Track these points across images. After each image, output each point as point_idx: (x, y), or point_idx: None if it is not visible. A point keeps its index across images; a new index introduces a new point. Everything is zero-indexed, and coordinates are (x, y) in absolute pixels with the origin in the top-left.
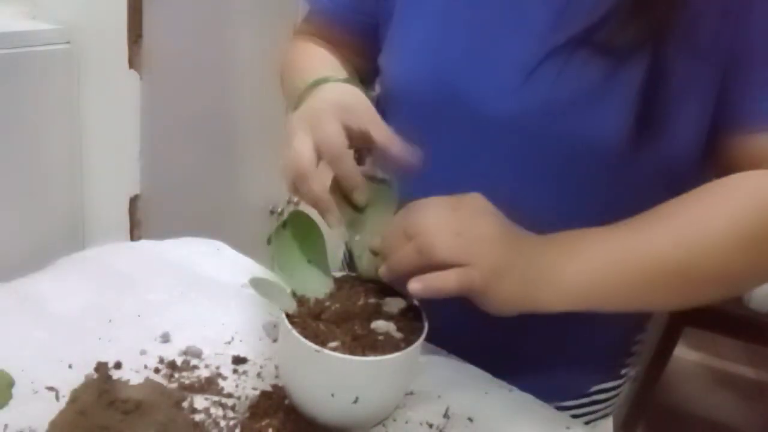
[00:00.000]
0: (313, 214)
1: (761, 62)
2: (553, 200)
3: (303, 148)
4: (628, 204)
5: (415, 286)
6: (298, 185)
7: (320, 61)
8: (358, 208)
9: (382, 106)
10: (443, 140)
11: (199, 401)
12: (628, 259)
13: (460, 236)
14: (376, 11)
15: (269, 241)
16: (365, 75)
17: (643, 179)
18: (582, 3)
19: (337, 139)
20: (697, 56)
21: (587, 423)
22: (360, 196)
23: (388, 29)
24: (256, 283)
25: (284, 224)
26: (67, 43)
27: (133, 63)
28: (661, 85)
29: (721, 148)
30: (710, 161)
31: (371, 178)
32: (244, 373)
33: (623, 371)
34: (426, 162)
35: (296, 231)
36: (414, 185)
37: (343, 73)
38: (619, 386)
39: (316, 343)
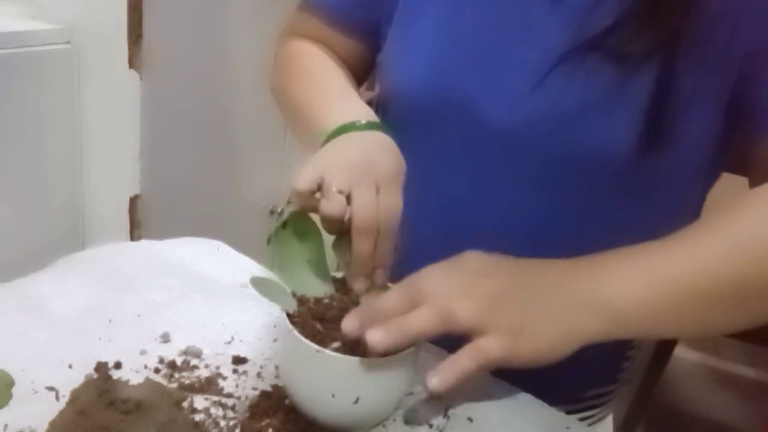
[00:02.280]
0: (312, 215)
1: None
2: (560, 209)
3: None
4: (637, 212)
5: (434, 382)
6: (329, 225)
7: (332, 85)
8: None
9: (382, 108)
10: (447, 148)
11: (199, 401)
12: (678, 276)
13: (473, 300)
14: (378, 9)
15: (269, 241)
16: (360, 75)
17: (652, 188)
18: (592, 9)
19: (373, 217)
20: (707, 66)
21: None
22: (360, 285)
23: (389, 29)
24: (257, 283)
25: (284, 224)
26: (67, 43)
27: (133, 63)
28: (670, 94)
29: (751, 153)
30: (739, 167)
31: None
32: (244, 373)
33: (619, 375)
34: (430, 170)
35: (296, 231)
36: (417, 194)
37: (363, 108)
38: (615, 390)
39: (317, 343)
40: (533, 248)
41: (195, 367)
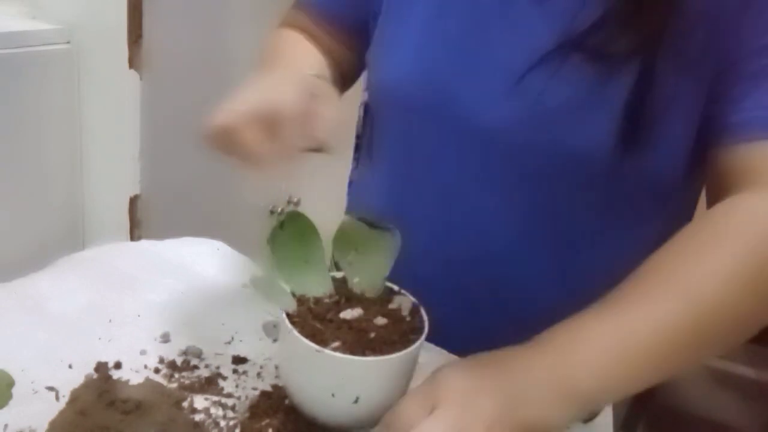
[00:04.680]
0: (311, 215)
1: (744, 74)
2: (542, 208)
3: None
4: (616, 214)
5: None
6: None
7: (304, 52)
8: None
9: (370, 108)
10: (433, 146)
11: (199, 401)
12: (641, 336)
13: None
14: (367, 8)
15: (269, 242)
16: (350, 75)
17: (631, 190)
18: (575, 9)
19: (296, 105)
20: (685, 69)
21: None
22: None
23: (376, 27)
24: (257, 283)
25: (281, 225)
26: (67, 43)
27: (133, 63)
28: (648, 96)
29: (710, 161)
30: (702, 175)
31: (371, 224)
32: (244, 373)
33: None
34: (416, 167)
35: (293, 232)
36: (405, 191)
37: (317, 66)
38: None
39: (317, 342)
40: (517, 246)
41: (195, 367)
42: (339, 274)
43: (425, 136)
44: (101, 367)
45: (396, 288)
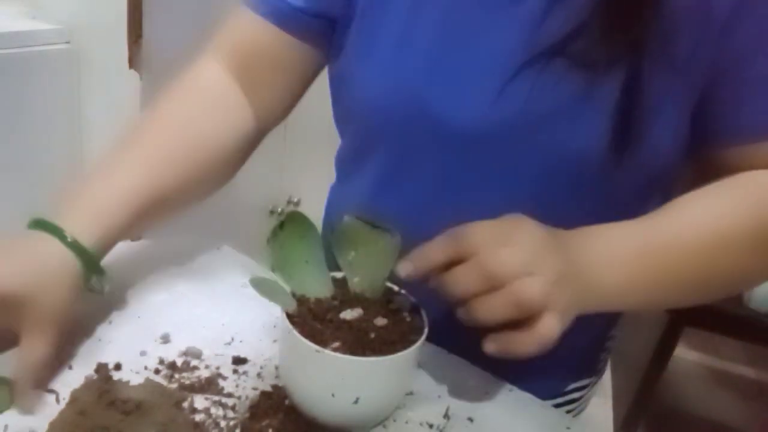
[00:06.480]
0: (311, 215)
1: (749, 78)
2: (535, 214)
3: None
4: (610, 216)
5: (491, 348)
6: None
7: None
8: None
9: (342, 120)
10: (414, 157)
11: (200, 401)
12: (662, 249)
13: (541, 281)
14: (334, 14)
15: (268, 242)
16: (304, 82)
17: (624, 191)
18: (556, 14)
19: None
20: (673, 68)
21: None
22: None
23: (346, 37)
24: (257, 283)
25: (281, 225)
26: (67, 43)
27: (133, 63)
28: (637, 97)
29: (716, 159)
30: (700, 171)
31: (372, 224)
32: (244, 373)
33: (598, 366)
34: (397, 179)
35: (293, 232)
36: (390, 204)
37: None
38: (592, 382)
39: (317, 343)
40: None
41: (195, 367)
42: (339, 274)
43: (409, 148)
44: (101, 368)
45: (396, 288)
